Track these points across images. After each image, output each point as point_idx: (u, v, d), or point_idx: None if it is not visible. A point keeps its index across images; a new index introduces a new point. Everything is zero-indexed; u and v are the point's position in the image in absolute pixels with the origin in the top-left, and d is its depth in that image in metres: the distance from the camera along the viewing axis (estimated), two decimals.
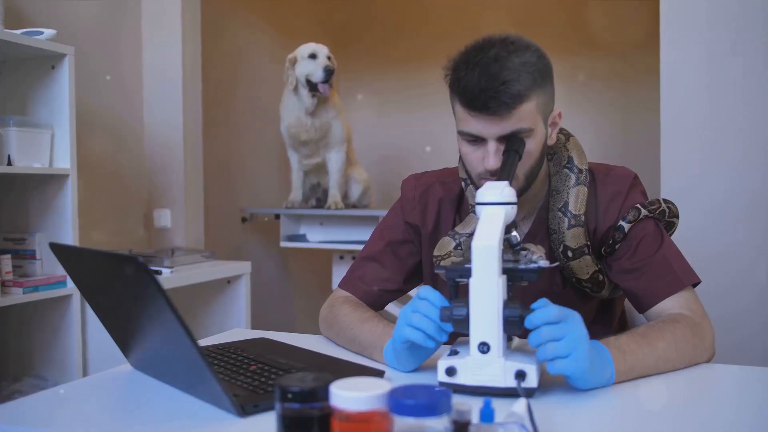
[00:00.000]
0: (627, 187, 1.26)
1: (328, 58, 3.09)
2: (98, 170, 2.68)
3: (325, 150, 3.28)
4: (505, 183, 1.02)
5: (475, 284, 0.95)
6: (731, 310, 2.05)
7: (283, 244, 3.36)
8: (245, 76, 3.69)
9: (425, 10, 4.28)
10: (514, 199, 1.01)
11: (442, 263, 1.19)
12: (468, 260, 1.10)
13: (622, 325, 1.46)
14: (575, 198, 1.23)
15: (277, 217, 3.42)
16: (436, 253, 1.22)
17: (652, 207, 1.24)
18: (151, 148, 2.97)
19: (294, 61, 3.12)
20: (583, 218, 1.23)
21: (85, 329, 2.23)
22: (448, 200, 1.36)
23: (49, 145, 2.15)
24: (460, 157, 1.30)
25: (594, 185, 1.26)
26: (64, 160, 2.16)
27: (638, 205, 1.23)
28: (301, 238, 3.41)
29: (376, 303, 1.36)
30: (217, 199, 3.37)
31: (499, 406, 0.80)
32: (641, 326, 1.12)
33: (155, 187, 2.99)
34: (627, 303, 1.47)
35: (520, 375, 0.94)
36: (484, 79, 1.09)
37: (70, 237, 2.16)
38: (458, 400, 0.75)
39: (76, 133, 2.16)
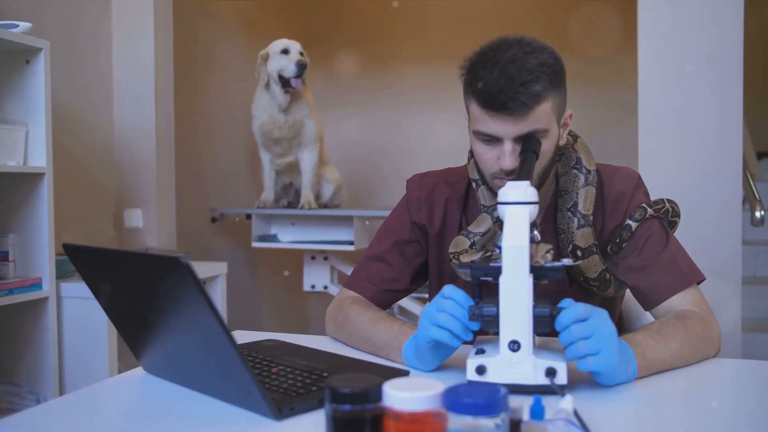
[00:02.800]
0: (632, 187, 1.28)
1: (301, 53, 3.07)
2: (66, 169, 2.59)
3: (297, 149, 3.25)
4: (527, 183, 1.03)
5: (505, 283, 0.96)
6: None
7: (255, 244, 3.32)
8: (215, 75, 3.64)
9: (394, 11, 4.29)
10: (536, 198, 1.02)
11: (462, 257, 1.19)
12: (486, 257, 1.12)
13: (620, 326, 1.49)
14: (584, 198, 1.25)
15: (248, 217, 3.38)
16: (451, 250, 1.22)
17: (657, 206, 1.27)
18: (122, 146, 2.89)
19: (266, 58, 3.10)
20: (591, 218, 1.25)
21: (61, 334, 2.16)
22: (454, 200, 1.36)
23: (24, 143, 2.08)
24: (471, 158, 1.30)
25: (601, 185, 1.29)
26: (39, 159, 2.08)
27: (644, 205, 1.26)
28: (272, 238, 3.38)
29: (383, 303, 1.36)
30: (187, 199, 3.30)
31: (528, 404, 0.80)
32: (655, 323, 1.14)
33: (126, 186, 2.91)
34: (624, 304, 1.50)
35: (551, 372, 0.95)
36: (503, 80, 1.10)
37: (45, 237, 2.08)
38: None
39: (56, 130, 2.09)
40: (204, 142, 3.54)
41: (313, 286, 3.50)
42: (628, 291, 1.42)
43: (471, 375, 0.98)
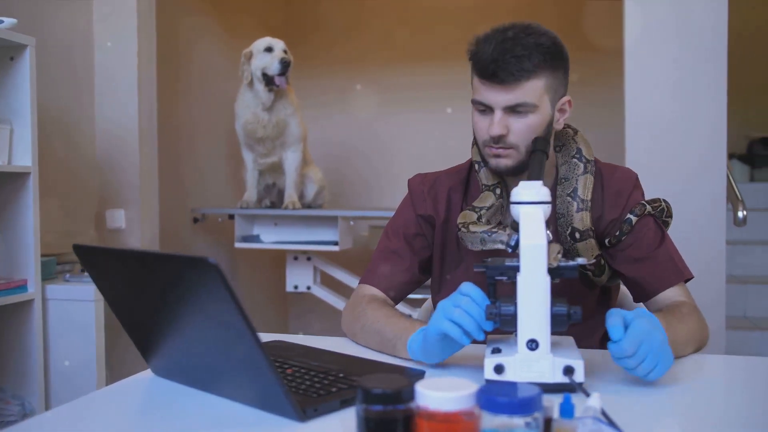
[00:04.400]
0: (631, 186, 1.34)
1: (284, 51, 3.06)
2: (47, 168, 2.53)
3: (281, 149, 3.23)
4: (540, 183, 1.04)
5: (523, 282, 0.97)
6: None
7: (238, 244, 3.29)
8: (195, 75, 3.59)
9: (371, 12, 4.28)
10: (549, 198, 1.04)
11: (471, 227, 1.21)
12: (495, 226, 1.17)
13: None
14: (583, 185, 1.30)
15: (231, 217, 3.35)
16: (460, 221, 1.25)
17: (654, 204, 1.32)
18: (104, 145, 2.84)
19: (249, 56, 3.08)
20: (590, 203, 1.29)
21: (46, 336, 2.11)
22: (456, 188, 1.41)
23: (8, 142, 2.03)
24: (475, 142, 1.33)
25: (601, 180, 1.33)
26: (24, 158, 2.04)
27: (643, 202, 1.31)
28: (255, 238, 3.35)
29: (398, 296, 1.40)
30: (169, 199, 3.26)
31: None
32: (660, 312, 1.19)
33: (108, 186, 2.86)
34: (619, 302, 1.53)
35: (569, 370, 0.96)
36: (497, 52, 1.18)
37: (31, 238, 2.04)
38: None
39: (37, 129, 2.04)
40: (185, 141, 3.49)
41: (296, 287, 3.47)
42: (623, 289, 1.45)
43: (489, 374, 0.98)
